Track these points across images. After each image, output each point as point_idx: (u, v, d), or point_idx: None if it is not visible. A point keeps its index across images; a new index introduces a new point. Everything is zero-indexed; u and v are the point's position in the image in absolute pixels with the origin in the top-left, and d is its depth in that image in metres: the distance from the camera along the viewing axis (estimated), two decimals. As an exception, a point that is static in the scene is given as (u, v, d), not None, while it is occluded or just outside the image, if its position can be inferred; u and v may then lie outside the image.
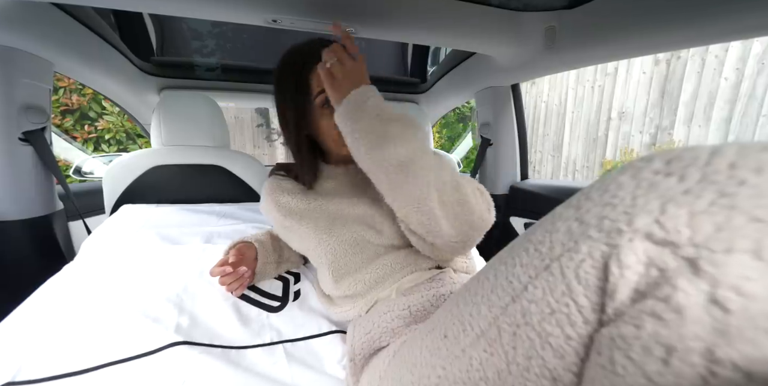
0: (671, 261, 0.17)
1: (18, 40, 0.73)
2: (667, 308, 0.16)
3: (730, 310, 0.15)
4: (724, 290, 0.15)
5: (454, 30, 0.76)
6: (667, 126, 2.31)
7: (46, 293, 0.56)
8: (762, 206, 0.16)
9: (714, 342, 0.15)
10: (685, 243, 0.17)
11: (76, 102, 2.67)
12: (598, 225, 0.20)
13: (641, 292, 0.18)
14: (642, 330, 0.17)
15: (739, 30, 0.58)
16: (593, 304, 0.20)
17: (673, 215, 0.17)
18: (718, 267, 0.16)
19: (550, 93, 3.16)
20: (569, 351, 0.21)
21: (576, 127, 2.94)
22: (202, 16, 0.67)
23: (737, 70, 1.93)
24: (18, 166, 0.79)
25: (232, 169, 1.03)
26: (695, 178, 0.18)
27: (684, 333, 0.16)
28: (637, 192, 0.19)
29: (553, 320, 0.21)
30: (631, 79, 2.49)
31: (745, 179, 0.16)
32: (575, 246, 0.21)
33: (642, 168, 0.20)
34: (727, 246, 0.16)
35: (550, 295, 0.21)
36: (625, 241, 0.18)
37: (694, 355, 0.15)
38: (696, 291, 0.16)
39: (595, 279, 0.20)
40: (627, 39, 0.68)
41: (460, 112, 4.07)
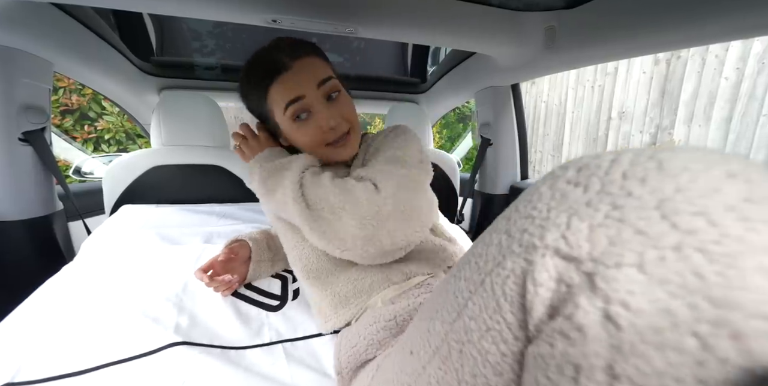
0: (576, 277, 0.17)
1: (18, 40, 0.73)
2: (571, 326, 0.16)
3: (621, 326, 0.15)
4: (614, 306, 0.15)
5: (454, 30, 0.76)
6: (668, 125, 2.31)
7: (46, 293, 0.56)
8: (644, 218, 0.15)
9: (613, 359, 0.15)
10: (585, 258, 0.16)
11: (75, 102, 2.67)
12: (520, 238, 0.20)
13: (555, 308, 0.18)
14: (555, 349, 0.17)
15: (740, 29, 0.57)
16: (519, 321, 0.19)
17: (576, 229, 0.17)
18: (609, 283, 0.15)
19: (550, 93, 3.16)
20: (506, 368, 0.20)
21: (576, 127, 2.94)
22: (202, 16, 0.67)
23: (737, 70, 1.92)
24: (18, 166, 0.79)
25: (232, 169, 1.03)
26: (596, 189, 0.17)
27: (586, 352, 0.16)
28: (551, 203, 0.19)
29: (489, 337, 0.21)
30: (631, 79, 2.49)
31: (631, 190, 0.16)
32: (503, 261, 0.20)
33: (558, 177, 0.20)
34: (617, 261, 0.15)
35: (485, 312, 0.21)
36: (538, 257, 0.18)
37: (598, 373, 0.15)
38: (593, 309, 0.16)
39: (518, 295, 0.19)
40: (627, 39, 0.68)
41: (460, 112, 4.07)
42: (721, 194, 0.15)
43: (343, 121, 0.50)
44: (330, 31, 0.72)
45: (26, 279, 0.79)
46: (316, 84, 0.48)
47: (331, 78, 0.49)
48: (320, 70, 0.49)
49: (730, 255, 0.14)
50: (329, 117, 0.48)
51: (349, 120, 0.50)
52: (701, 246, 0.14)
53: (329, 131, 0.49)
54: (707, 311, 0.13)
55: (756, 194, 0.15)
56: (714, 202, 0.15)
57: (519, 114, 1.24)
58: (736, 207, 0.14)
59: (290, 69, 0.47)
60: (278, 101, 0.48)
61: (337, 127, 0.49)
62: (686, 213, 0.15)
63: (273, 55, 0.49)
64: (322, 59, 0.51)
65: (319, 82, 0.48)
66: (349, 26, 0.70)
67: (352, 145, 0.52)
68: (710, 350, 0.13)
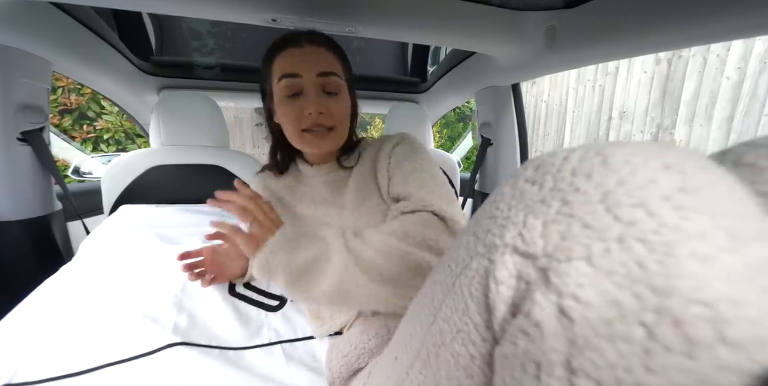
0: (532, 273, 0.17)
1: (16, 39, 0.73)
2: (529, 323, 0.16)
3: (574, 320, 0.15)
4: (567, 300, 0.15)
5: (455, 29, 0.76)
6: (669, 125, 2.30)
7: (44, 293, 0.56)
8: (590, 212, 0.16)
9: (569, 353, 0.15)
10: (540, 254, 0.17)
11: (74, 101, 2.67)
12: (484, 239, 0.20)
13: (516, 306, 0.18)
14: (517, 348, 0.17)
15: (741, 28, 0.57)
16: (485, 321, 0.19)
17: (531, 226, 0.17)
18: (561, 277, 0.16)
19: (550, 92, 3.15)
20: (476, 370, 0.20)
21: (577, 127, 2.94)
22: (201, 16, 0.67)
23: (739, 69, 1.92)
24: (16, 166, 0.79)
25: (231, 169, 1.03)
26: (549, 186, 0.18)
27: (545, 348, 0.16)
28: (511, 202, 0.19)
29: (460, 339, 0.20)
30: (632, 79, 2.48)
31: (579, 186, 0.16)
32: (470, 263, 0.20)
33: (519, 176, 0.20)
34: (567, 255, 0.16)
35: (455, 314, 0.21)
36: (498, 256, 0.18)
37: (557, 368, 0.15)
38: (548, 303, 0.16)
39: (482, 295, 0.19)
40: (628, 38, 0.68)
41: (460, 112, 4.07)
42: (657, 185, 0.15)
43: (328, 115, 0.49)
44: (330, 30, 0.72)
45: (25, 280, 0.79)
46: (316, 72, 0.48)
47: (334, 75, 0.49)
48: (328, 63, 0.49)
49: (667, 244, 0.14)
50: (315, 104, 0.48)
51: (334, 118, 0.50)
52: (642, 237, 0.14)
53: (306, 117, 0.49)
54: (650, 300, 0.14)
55: (689, 184, 0.15)
56: (651, 193, 0.15)
57: (519, 114, 1.24)
58: (671, 198, 0.15)
59: (301, 47, 0.48)
60: (277, 71, 0.49)
61: (318, 118, 0.49)
62: (627, 205, 0.15)
63: (294, 34, 0.50)
64: (337, 58, 0.51)
65: (320, 72, 0.48)
66: (349, 26, 0.70)
67: (330, 142, 0.52)
68: (655, 338, 0.13)
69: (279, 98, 0.50)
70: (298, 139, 0.51)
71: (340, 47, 0.53)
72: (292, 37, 0.50)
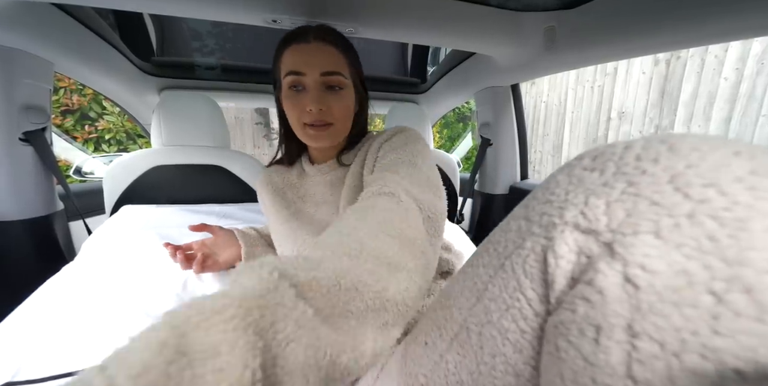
0: (595, 247, 0.18)
1: (18, 40, 0.73)
2: (592, 290, 0.18)
3: (639, 286, 0.16)
4: (633, 268, 0.17)
5: (454, 30, 0.76)
6: (667, 126, 2.31)
7: (47, 293, 0.57)
8: (658, 191, 0.17)
9: (632, 318, 0.16)
10: (603, 230, 0.18)
11: (76, 102, 2.67)
12: (540, 221, 0.21)
13: (575, 278, 0.19)
14: (576, 314, 0.18)
15: (739, 30, 0.58)
16: (540, 296, 0.21)
17: (593, 205, 0.19)
18: (627, 248, 0.17)
19: (549, 93, 3.16)
20: (525, 345, 0.22)
21: (576, 127, 2.94)
22: (202, 16, 0.67)
23: (737, 70, 1.93)
24: (18, 166, 0.79)
25: (232, 169, 1.03)
26: (611, 171, 0.19)
27: (607, 312, 0.17)
28: (569, 187, 0.21)
29: (509, 315, 0.22)
30: (630, 79, 2.49)
31: (645, 169, 0.18)
32: (522, 243, 0.22)
33: (574, 166, 0.22)
34: (634, 229, 0.17)
35: (505, 291, 0.23)
36: (558, 233, 0.20)
37: (618, 331, 0.17)
38: (612, 272, 0.17)
39: (539, 271, 0.21)
40: (627, 39, 0.68)
41: (460, 112, 4.07)
42: (729, 168, 0.16)
43: (328, 112, 0.50)
44: None
45: (27, 279, 0.79)
46: (320, 71, 0.49)
47: (338, 74, 0.50)
48: (332, 61, 0.50)
49: (740, 220, 0.15)
50: (315, 101, 0.48)
51: (334, 115, 0.50)
52: (713, 213, 0.16)
53: (307, 113, 0.49)
54: (721, 270, 0.15)
55: (760, 168, 0.16)
56: (723, 175, 0.16)
57: (519, 114, 1.25)
58: (743, 179, 0.16)
59: (308, 42, 0.49)
60: (286, 65, 0.50)
61: (318, 114, 0.49)
62: (697, 185, 0.16)
63: (304, 28, 0.51)
64: (344, 56, 0.51)
65: (324, 72, 0.49)
66: (349, 26, 0.70)
67: (329, 138, 0.52)
68: (725, 304, 0.15)
69: (285, 91, 0.51)
70: (301, 131, 0.52)
71: (349, 43, 0.53)
72: (302, 31, 0.50)
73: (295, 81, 0.49)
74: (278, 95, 0.55)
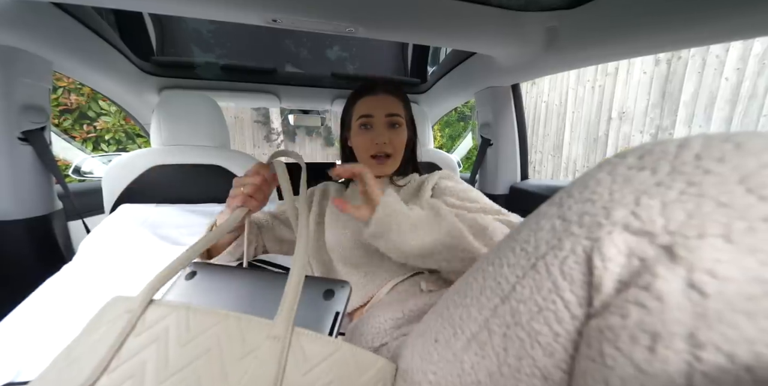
0: (649, 250, 0.17)
1: (17, 39, 0.73)
2: (649, 295, 0.17)
3: (707, 293, 0.15)
4: (699, 274, 0.16)
5: (454, 30, 0.76)
6: (668, 126, 2.31)
7: (46, 293, 0.56)
8: (726, 192, 0.16)
9: (695, 326, 0.15)
10: (660, 232, 0.17)
11: (75, 101, 2.67)
12: (579, 221, 0.20)
13: (624, 282, 0.18)
14: (628, 320, 0.17)
15: (740, 30, 0.57)
16: (579, 299, 0.20)
17: (646, 206, 0.18)
18: (692, 252, 0.16)
19: (550, 93, 3.16)
20: (558, 348, 0.21)
21: (576, 127, 2.94)
22: (202, 16, 0.67)
23: (738, 70, 1.92)
24: (17, 165, 0.79)
25: (231, 168, 1.03)
26: (665, 171, 0.18)
27: (666, 319, 0.16)
28: (613, 187, 0.20)
29: (541, 318, 0.21)
30: (631, 79, 2.49)
31: (709, 168, 0.17)
32: (559, 244, 0.21)
33: (617, 164, 0.21)
34: (699, 232, 0.16)
35: (537, 294, 0.21)
36: (604, 234, 0.19)
37: (678, 340, 0.16)
38: (674, 277, 0.16)
39: (580, 274, 0.20)
40: (628, 39, 0.68)
41: (461, 112, 4.07)
42: None
43: (389, 144, 0.63)
44: (330, 30, 0.72)
45: (26, 278, 0.79)
46: (385, 113, 0.63)
47: (398, 116, 0.64)
48: (394, 106, 0.64)
49: None
50: (380, 136, 0.62)
51: (393, 147, 0.64)
52: None
53: (375, 145, 0.63)
54: None
55: None
56: None
57: (519, 114, 1.24)
58: None
59: (376, 94, 0.64)
60: (358, 111, 0.64)
61: (382, 146, 0.63)
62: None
63: (374, 82, 0.66)
64: (401, 102, 0.66)
65: (387, 113, 0.63)
66: (349, 26, 0.70)
67: (389, 167, 0.66)
68: None
69: (355, 130, 0.65)
70: (366, 161, 0.65)
71: (404, 93, 0.68)
72: (371, 86, 0.65)
73: (365, 121, 0.63)
74: (346, 134, 0.69)
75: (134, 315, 0.28)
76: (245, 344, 0.27)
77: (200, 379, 0.25)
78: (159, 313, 0.29)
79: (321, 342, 0.28)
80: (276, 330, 0.27)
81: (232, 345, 0.27)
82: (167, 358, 0.26)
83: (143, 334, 0.27)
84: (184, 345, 0.27)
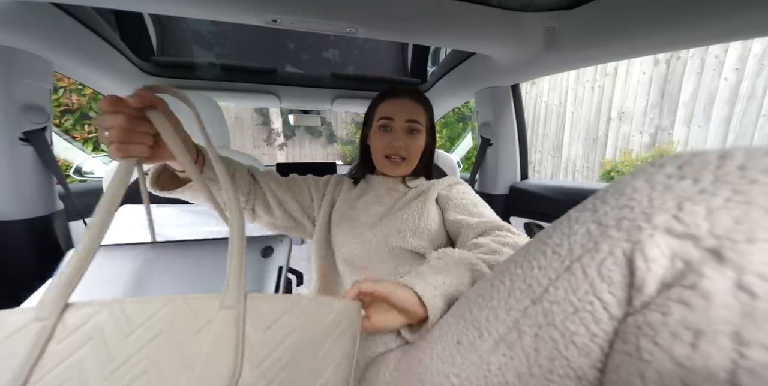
0: (694, 252, 0.18)
1: (18, 39, 0.73)
2: (694, 294, 0.17)
3: (757, 294, 0.16)
4: (749, 276, 0.16)
5: (454, 30, 0.76)
6: (667, 126, 2.31)
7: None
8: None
9: (742, 325, 0.16)
10: (705, 236, 0.18)
11: (76, 102, 2.67)
12: (617, 225, 0.21)
13: (667, 284, 0.19)
14: (669, 317, 0.18)
15: (739, 30, 0.58)
16: (618, 300, 0.21)
17: (690, 211, 0.19)
18: (742, 255, 0.17)
19: (550, 93, 3.16)
20: (594, 348, 0.21)
21: (576, 127, 2.95)
22: (202, 16, 0.67)
23: (737, 71, 1.93)
24: (18, 165, 0.79)
25: None
26: (709, 180, 0.19)
27: (712, 317, 0.17)
28: (653, 194, 0.21)
29: (577, 319, 0.22)
30: (630, 80, 2.49)
31: (756, 179, 0.18)
32: (595, 247, 0.22)
33: (654, 173, 0.21)
34: (748, 237, 0.17)
35: (572, 295, 0.22)
36: (646, 237, 0.19)
37: (723, 338, 0.16)
38: (722, 278, 0.17)
39: (619, 275, 0.20)
40: (627, 39, 0.68)
41: (461, 112, 4.07)
42: None
43: (405, 148, 0.65)
44: (330, 30, 0.72)
45: (26, 279, 0.79)
46: (405, 118, 0.65)
47: (418, 123, 0.66)
48: (415, 113, 0.66)
49: None
50: (397, 139, 0.65)
51: (409, 151, 0.66)
52: None
53: (391, 147, 0.65)
54: None
55: None
56: None
57: (519, 114, 1.25)
58: None
59: (400, 98, 0.66)
60: (380, 112, 0.66)
61: (398, 149, 0.65)
62: None
63: (399, 87, 0.69)
64: (423, 109, 0.67)
65: (408, 119, 0.65)
66: (349, 26, 0.70)
67: (402, 169, 0.68)
68: None
69: (375, 130, 0.67)
70: (381, 161, 0.68)
71: (428, 100, 0.70)
72: (396, 91, 0.67)
73: (385, 123, 0.65)
74: (366, 132, 0.72)
75: (48, 323, 0.27)
76: (198, 319, 0.27)
77: (157, 360, 0.25)
78: (82, 314, 0.28)
79: (276, 300, 0.28)
80: (228, 300, 0.28)
81: (185, 323, 0.27)
82: (109, 353, 0.26)
83: (68, 339, 0.27)
84: (127, 335, 0.27)
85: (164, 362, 0.25)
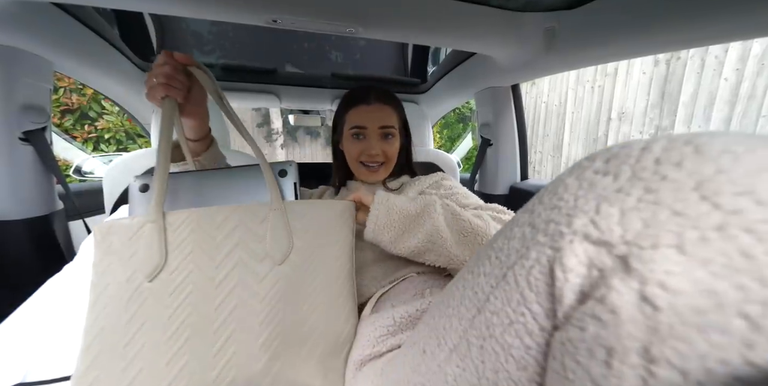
0: (607, 261, 0.16)
1: (18, 39, 0.73)
2: (603, 308, 0.16)
3: (659, 307, 0.14)
4: (651, 286, 0.15)
5: (454, 30, 0.76)
6: (667, 126, 2.31)
7: (48, 293, 0.57)
8: (681, 200, 0.15)
9: (649, 341, 0.15)
10: (617, 242, 0.16)
11: (76, 101, 2.67)
12: (545, 229, 0.19)
13: (585, 294, 0.17)
14: (585, 333, 0.17)
15: (740, 30, 0.58)
16: (546, 311, 0.19)
17: (606, 214, 0.17)
18: (645, 264, 0.15)
19: (550, 93, 3.16)
20: (530, 361, 0.20)
21: (576, 128, 2.95)
22: (202, 16, 0.67)
23: (737, 71, 1.93)
24: (18, 165, 0.79)
25: None
26: (626, 176, 0.17)
27: (620, 333, 0.15)
28: (579, 193, 0.19)
29: (513, 331, 0.20)
30: (630, 80, 2.49)
31: (666, 174, 0.16)
32: (526, 253, 0.20)
33: (586, 168, 0.20)
34: (653, 242, 0.15)
35: (508, 305, 0.20)
36: (566, 243, 0.18)
37: (632, 355, 0.15)
38: (627, 290, 0.15)
39: (545, 284, 0.19)
40: (627, 39, 0.68)
41: (460, 112, 4.07)
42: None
43: (382, 153, 0.65)
44: (330, 31, 0.72)
45: (27, 279, 0.79)
46: (379, 125, 0.64)
47: (392, 127, 0.65)
48: (388, 117, 0.65)
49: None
50: (372, 147, 0.64)
51: (386, 156, 0.66)
52: (748, 226, 0.14)
53: (366, 155, 0.65)
54: (757, 291, 0.13)
55: None
56: (761, 182, 0.14)
57: (519, 114, 1.25)
58: None
59: (369, 104, 0.65)
60: (350, 121, 0.65)
61: (374, 156, 0.65)
62: (729, 194, 0.14)
63: (366, 90, 0.66)
64: (395, 112, 0.67)
65: (381, 126, 0.64)
66: (349, 26, 0.70)
67: (380, 174, 0.67)
68: (761, 331, 0.13)
69: (347, 137, 0.66)
70: (356, 167, 0.67)
71: (399, 102, 0.69)
72: (363, 94, 0.65)
73: (358, 132, 0.65)
74: (337, 138, 0.71)
75: (160, 222, 0.40)
76: (258, 216, 0.43)
77: (241, 238, 0.41)
78: (178, 216, 0.41)
79: (302, 204, 0.45)
80: (275, 204, 0.44)
81: (251, 218, 0.42)
82: (210, 235, 0.41)
83: (178, 229, 0.40)
84: (217, 227, 0.41)
85: (246, 238, 0.41)
